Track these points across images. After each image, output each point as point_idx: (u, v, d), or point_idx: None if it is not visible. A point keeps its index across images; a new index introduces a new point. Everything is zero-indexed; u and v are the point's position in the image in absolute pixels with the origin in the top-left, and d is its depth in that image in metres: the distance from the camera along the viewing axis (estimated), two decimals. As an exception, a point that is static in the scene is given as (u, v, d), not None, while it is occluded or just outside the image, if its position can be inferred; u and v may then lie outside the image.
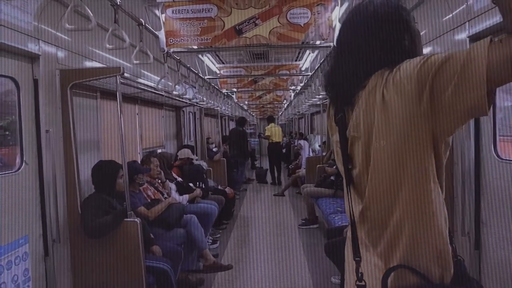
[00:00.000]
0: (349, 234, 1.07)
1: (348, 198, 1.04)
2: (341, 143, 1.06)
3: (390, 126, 0.92)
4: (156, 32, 3.39)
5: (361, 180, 1.01)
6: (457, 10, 2.40)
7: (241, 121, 9.14)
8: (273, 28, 3.33)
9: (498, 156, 2.12)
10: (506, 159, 2.12)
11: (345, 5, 3.40)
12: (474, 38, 2.29)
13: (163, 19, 3.39)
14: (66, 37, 2.73)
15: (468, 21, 2.29)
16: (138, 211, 3.34)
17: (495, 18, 2.04)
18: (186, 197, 4.46)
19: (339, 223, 4.17)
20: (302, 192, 6.19)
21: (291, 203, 7.45)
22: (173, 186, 4.49)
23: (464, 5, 2.33)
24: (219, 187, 6.03)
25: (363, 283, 0.97)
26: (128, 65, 3.56)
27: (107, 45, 2.56)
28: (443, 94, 0.84)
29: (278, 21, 3.32)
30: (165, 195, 4.02)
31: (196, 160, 6.42)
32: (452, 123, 0.88)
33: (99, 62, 3.20)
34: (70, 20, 2.17)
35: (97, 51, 3.17)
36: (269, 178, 9.71)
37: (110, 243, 2.69)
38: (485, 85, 0.79)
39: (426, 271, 0.93)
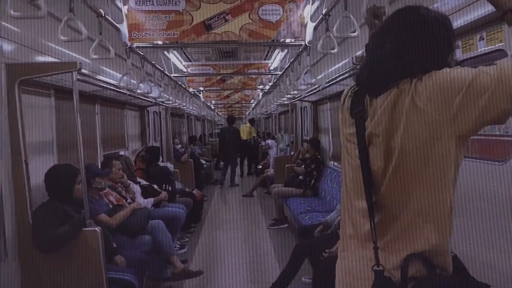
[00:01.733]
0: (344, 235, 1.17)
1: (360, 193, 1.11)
2: (358, 137, 1.10)
3: (418, 130, 1.00)
4: (117, 25, 3.16)
5: (376, 175, 1.08)
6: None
7: (232, 120, 9.63)
8: (244, 25, 3.20)
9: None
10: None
11: (316, 3, 3.34)
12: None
13: (125, 11, 3.17)
14: (14, 27, 2.47)
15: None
16: (99, 219, 3.13)
17: (458, 21, 2.08)
18: (150, 200, 4.28)
19: (309, 222, 4.17)
20: (271, 192, 6.16)
21: (260, 203, 7.41)
22: (137, 189, 4.29)
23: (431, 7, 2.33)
24: (187, 190, 5.86)
25: (381, 267, 1.05)
26: (87, 60, 3.32)
27: (61, 37, 2.34)
28: (472, 106, 0.95)
29: (249, 17, 3.20)
30: (129, 200, 3.82)
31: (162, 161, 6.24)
32: (473, 129, 0.99)
33: (53, 56, 2.94)
34: (15, 6, 1.94)
35: (51, 44, 2.92)
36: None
37: (67, 256, 2.48)
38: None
39: (434, 262, 1.05)
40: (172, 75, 6.11)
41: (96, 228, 2.53)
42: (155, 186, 4.68)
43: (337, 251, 1.23)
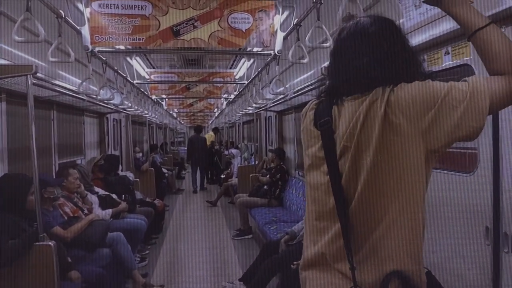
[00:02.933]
0: (310, 254, 1.12)
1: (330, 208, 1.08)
2: (326, 149, 1.08)
3: (390, 143, 0.99)
4: (78, 28, 2.99)
5: (346, 191, 1.05)
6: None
7: (199, 129, 10.29)
8: (213, 32, 3.14)
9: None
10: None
11: (286, 13, 3.36)
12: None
13: (88, 14, 3.01)
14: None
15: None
16: (53, 232, 2.94)
17: (423, 36, 2.13)
18: (109, 211, 4.09)
19: (275, 233, 4.15)
20: (235, 202, 6.09)
21: (223, 213, 7.31)
22: (95, 199, 4.07)
23: (397, 23, 2.40)
24: (148, 199, 5.66)
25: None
26: (43, 64, 3.11)
27: (16, 37, 2.16)
28: (444, 121, 0.95)
29: (219, 25, 3.14)
30: (86, 211, 3.62)
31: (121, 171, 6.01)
32: (444, 145, 0.99)
33: (5, 59, 2.74)
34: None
35: (3, 45, 2.71)
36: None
37: (17, 273, 2.31)
38: (485, 118, 0.93)
39: (410, 280, 1.01)
40: (135, 81, 5.92)
41: (50, 242, 2.40)
42: (114, 196, 4.48)
43: None
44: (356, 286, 1.01)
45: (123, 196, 4.68)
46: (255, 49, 3.34)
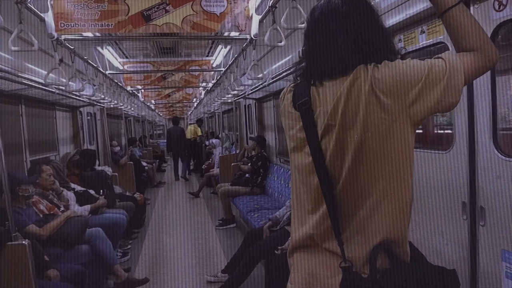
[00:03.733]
0: (298, 236, 1.12)
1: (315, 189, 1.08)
2: (307, 130, 1.07)
3: (378, 120, 1.00)
4: (42, 14, 2.84)
5: (332, 170, 1.06)
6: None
7: (177, 120, 10.60)
8: (186, 16, 3.03)
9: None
10: None
11: (260, -4, 3.29)
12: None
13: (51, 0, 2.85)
14: None
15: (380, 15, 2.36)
16: (27, 231, 2.87)
17: (399, 16, 2.16)
18: (87, 207, 4.02)
19: (258, 221, 4.16)
20: (217, 191, 6.08)
21: (206, 204, 7.29)
22: (71, 196, 3.97)
23: (373, 2, 2.40)
24: (127, 194, 5.57)
25: (348, 264, 1.04)
26: (6, 55, 2.95)
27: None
28: (428, 97, 1.00)
29: (192, 8, 3.03)
30: (62, 208, 3.53)
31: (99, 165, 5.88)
32: (425, 117, 1.03)
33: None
34: None
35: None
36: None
37: None
38: (461, 93, 0.99)
39: (395, 252, 1.05)
40: (107, 72, 5.74)
41: (24, 241, 2.34)
42: (92, 192, 4.38)
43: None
44: (345, 261, 1.03)
45: (101, 191, 4.59)
46: (230, 34, 3.26)
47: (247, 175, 5.72)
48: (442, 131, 2.21)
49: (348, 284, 1.01)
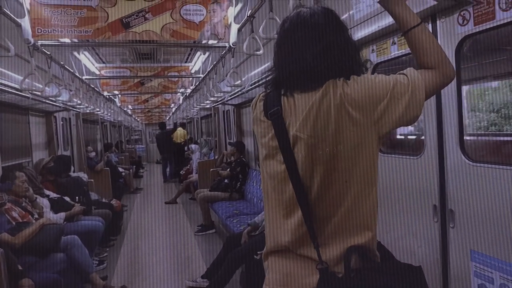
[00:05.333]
0: (272, 242, 1.15)
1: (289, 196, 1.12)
2: (279, 138, 1.10)
3: (348, 133, 1.05)
4: (18, 20, 2.78)
5: (304, 180, 1.09)
6: (342, 18, 2.53)
7: (163, 125, 11.36)
8: (165, 24, 3.04)
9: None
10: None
11: (239, 5, 3.34)
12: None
13: (28, 5, 2.80)
14: None
15: (351, 28, 2.45)
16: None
17: (372, 27, 2.25)
18: (62, 215, 3.93)
19: (237, 226, 4.18)
20: (196, 197, 6.05)
21: (184, 210, 7.22)
22: (46, 203, 3.88)
23: (347, 14, 2.50)
24: (104, 200, 5.47)
25: (325, 265, 1.08)
26: (-20, 60, 2.88)
27: None
28: (393, 111, 1.05)
29: (171, 16, 3.05)
30: (36, 216, 3.45)
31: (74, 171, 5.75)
32: (390, 131, 1.09)
33: None
34: None
35: None
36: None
37: None
38: (422, 107, 1.06)
39: (367, 253, 1.11)
40: (84, 77, 5.64)
41: None
42: (67, 199, 4.30)
43: None
44: (322, 263, 1.08)
45: (76, 198, 4.50)
46: (209, 42, 3.30)
47: (226, 180, 5.72)
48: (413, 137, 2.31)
49: (325, 283, 1.06)
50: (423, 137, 2.09)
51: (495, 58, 2.52)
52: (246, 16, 2.86)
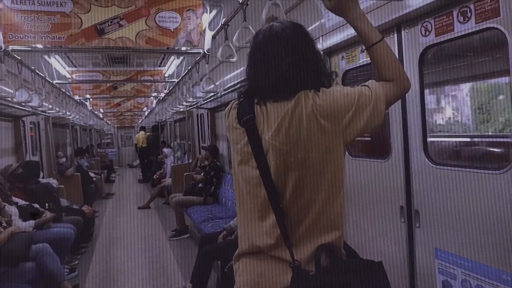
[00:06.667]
0: (245, 245, 1.21)
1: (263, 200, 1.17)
2: (253, 145, 1.16)
3: (318, 141, 1.12)
4: (-13, 25, 2.71)
5: (277, 185, 1.15)
6: (313, 26, 2.64)
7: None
8: (140, 31, 3.04)
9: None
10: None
11: (214, 12, 3.38)
12: (327, 52, 2.57)
13: (-2, 11, 2.74)
14: None
15: (322, 36, 2.55)
16: None
17: (342, 35, 2.36)
18: (31, 222, 3.83)
19: (212, 230, 4.18)
20: (170, 202, 6.00)
21: (158, 215, 7.15)
22: (14, 210, 3.76)
23: (318, 22, 2.59)
24: (74, 206, 5.34)
25: (297, 263, 1.14)
26: None
27: None
28: (358, 120, 1.14)
29: (146, 23, 3.06)
30: (4, 224, 3.36)
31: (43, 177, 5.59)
32: (355, 138, 1.17)
33: None
34: None
35: None
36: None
37: None
38: (383, 116, 1.16)
39: (334, 251, 1.17)
40: (55, 81, 5.49)
41: None
42: (37, 206, 4.18)
43: None
44: (294, 262, 1.14)
45: (46, 205, 4.38)
46: (183, 48, 3.32)
47: (200, 184, 5.71)
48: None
49: (297, 281, 1.12)
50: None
51: (456, 64, 2.69)
52: (220, 24, 2.91)
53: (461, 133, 2.92)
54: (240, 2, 2.44)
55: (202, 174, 5.79)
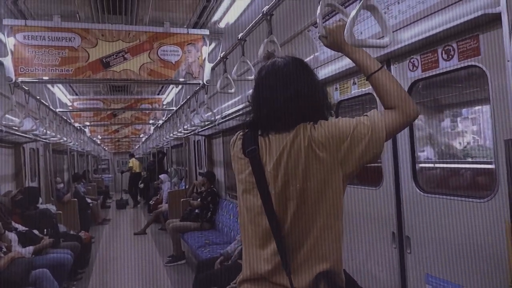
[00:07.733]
0: (248, 270, 1.23)
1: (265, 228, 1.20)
2: (256, 175, 1.21)
3: (316, 171, 1.16)
4: (0, 59, 2.84)
5: (278, 213, 1.19)
6: (308, 58, 2.79)
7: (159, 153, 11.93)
8: (143, 64, 3.20)
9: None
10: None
11: (213, 44, 3.54)
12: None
13: (11, 46, 2.88)
14: None
15: (316, 68, 2.69)
16: None
17: (335, 67, 2.48)
18: (30, 249, 3.82)
19: (208, 256, 4.18)
20: (167, 228, 5.99)
21: (154, 240, 7.10)
22: (13, 237, 3.78)
23: (313, 55, 2.74)
24: (72, 232, 5.34)
25: None
26: None
27: None
28: (354, 150, 1.16)
29: (149, 56, 3.22)
30: (4, 249, 3.37)
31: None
32: (356, 169, 1.19)
33: None
34: None
35: None
36: (131, 202, 11.82)
37: None
38: (383, 145, 1.16)
39: (333, 279, 1.18)
40: (57, 110, 5.60)
41: None
42: (36, 232, 4.19)
43: None
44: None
45: (45, 230, 4.39)
46: (183, 79, 3.46)
47: (196, 210, 5.71)
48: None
49: None
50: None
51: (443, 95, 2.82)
52: (219, 57, 3.06)
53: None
54: (239, 38, 2.59)
55: (198, 200, 5.80)
